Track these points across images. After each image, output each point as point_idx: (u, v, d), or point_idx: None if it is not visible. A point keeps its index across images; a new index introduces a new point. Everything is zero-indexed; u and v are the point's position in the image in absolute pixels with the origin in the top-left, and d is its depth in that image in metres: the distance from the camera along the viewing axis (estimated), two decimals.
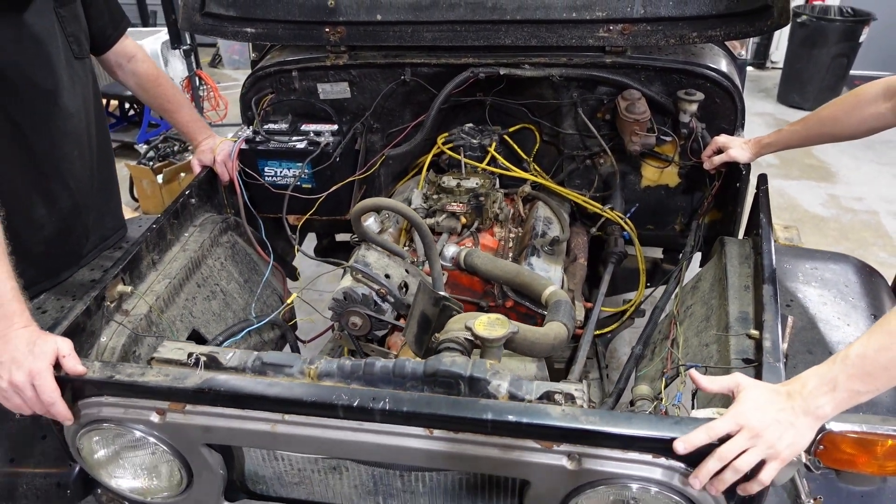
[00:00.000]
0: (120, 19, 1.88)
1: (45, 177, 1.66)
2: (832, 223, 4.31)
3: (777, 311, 1.30)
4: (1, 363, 1.18)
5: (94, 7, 1.76)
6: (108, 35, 1.85)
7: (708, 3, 1.85)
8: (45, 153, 1.64)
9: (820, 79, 5.89)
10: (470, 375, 1.14)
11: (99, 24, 1.80)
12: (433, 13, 2.00)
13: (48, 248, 1.72)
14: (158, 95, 1.99)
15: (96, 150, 1.81)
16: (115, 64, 1.92)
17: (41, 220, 1.69)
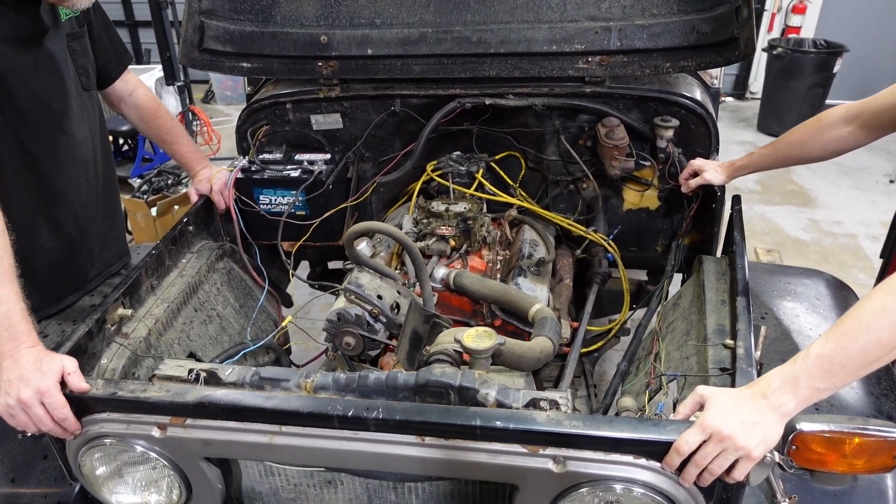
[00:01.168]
0: (123, 54, 1.98)
1: (52, 203, 1.72)
2: (813, 247, 4.42)
3: (750, 321, 1.37)
4: (9, 381, 1.22)
5: (99, 43, 1.86)
6: (112, 69, 1.95)
7: (679, 35, 1.96)
8: (53, 179, 1.71)
9: (797, 108, 6.09)
10: (459, 385, 1.20)
11: (103, 59, 1.89)
12: (421, 47, 2.10)
13: (53, 273, 1.78)
14: (158, 127, 2.07)
15: (101, 178, 1.88)
16: (117, 97, 2.01)
17: (47, 245, 1.74)
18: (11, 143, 1.59)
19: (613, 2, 2.01)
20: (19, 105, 1.59)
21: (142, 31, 8.19)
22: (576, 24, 2.03)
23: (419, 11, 2.10)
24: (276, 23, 2.16)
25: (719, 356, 1.41)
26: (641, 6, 1.99)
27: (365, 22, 2.13)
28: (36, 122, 1.63)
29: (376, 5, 2.12)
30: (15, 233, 1.38)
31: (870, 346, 1.04)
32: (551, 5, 2.04)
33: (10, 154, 1.59)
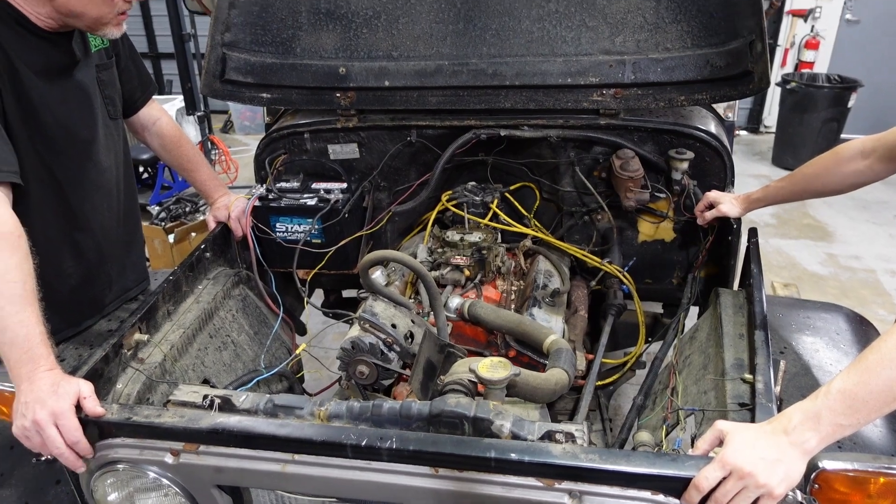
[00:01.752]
0: (148, 84, 2.03)
1: (75, 228, 1.75)
2: (831, 281, 4.37)
3: (769, 355, 1.36)
4: (25, 403, 1.23)
5: (125, 72, 1.91)
6: (137, 98, 2.00)
7: (694, 69, 1.98)
8: (77, 206, 1.74)
9: (812, 142, 6.08)
10: (474, 416, 1.19)
11: (129, 88, 1.94)
12: (438, 79, 2.14)
13: (72, 297, 1.80)
14: (179, 156, 2.11)
15: (123, 204, 1.92)
16: (141, 126, 2.06)
17: (68, 269, 1.77)
18: (39, 170, 1.63)
19: (628, 36, 2.04)
20: (48, 134, 1.63)
21: (164, 62, 8.41)
22: (590, 57, 2.06)
23: (436, 44, 2.14)
24: (296, 55, 2.21)
25: (738, 391, 1.39)
26: (655, 40, 2.02)
27: (383, 54, 2.17)
28: (64, 150, 1.67)
29: (394, 38, 2.16)
30: (38, 256, 1.41)
31: (893, 382, 1.03)
32: (566, 39, 2.07)
33: (37, 181, 1.62)
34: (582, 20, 2.05)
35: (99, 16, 1.56)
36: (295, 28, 2.18)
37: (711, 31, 1.96)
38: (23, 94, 1.56)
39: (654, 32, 2.02)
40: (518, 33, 2.09)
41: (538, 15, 2.07)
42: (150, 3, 8.19)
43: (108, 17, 1.58)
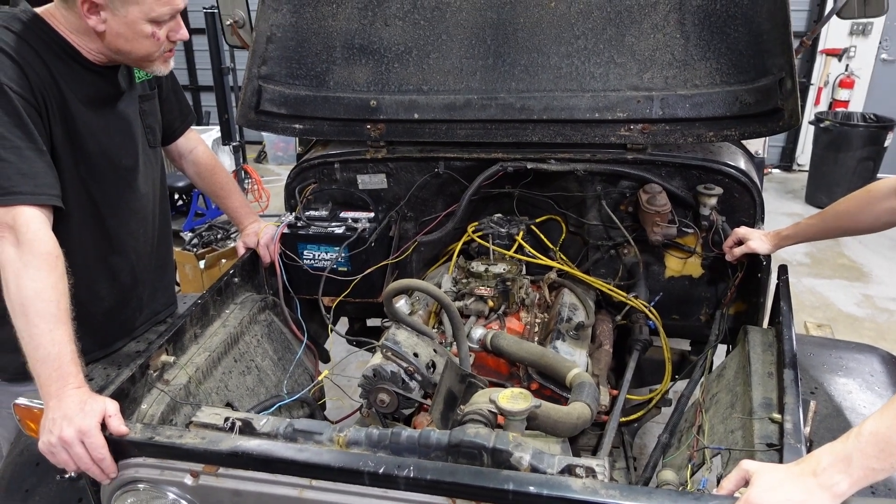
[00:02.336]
0: (187, 114, 2.11)
1: (111, 252, 1.80)
2: (868, 323, 4.24)
3: (798, 394, 1.32)
4: (53, 419, 1.26)
5: (167, 102, 1.98)
6: (176, 128, 2.07)
7: (723, 105, 1.98)
8: (115, 230, 1.80)
9: (847, 181, 5.98)
10: (493, 447, 1.18)
11: (169, 118, 2.01)
12: (466, 113, 2.17)
13: (105, 319, 1.84)
14: (213, 183, 2.18)
15: (158, 230, 1.97)
16: (178, 154, 2.13)
17: (102, 292, 1.82)
18: (81, 195, 1.69)
19: (656, 72, 2.05)
20: (92, 161, 1.69)
21: (204, 94, 8.69)
22: (618, 93, 2.07)
23: (465, 79, 2.18)
24: (329, 88, 2.27)
25: (766, 431, 1.35)
26: (684, 77, 2.03)
27: (413, 88, 2.22)
28: (105, 177, 1.73)
29: (424, 73, 2.21)
30: (73, 278, 1.45)
31: None
32: (594, 75, 2.09)
33: (78, 206, 1.68)
34: (610, 57, 2.08)
35: (146, 54, 1.62)
36: (329, 62, 2.25)
37: (741, 69, 1.96)
38: (70, 123, 1.63)
39: (683, 69, 2.03)
40: (547, 69, 2.12)
41: (567, 51, 2.10)
42: (193, 38, 8.52)
43: (155, 55, 1.65)
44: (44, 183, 1.50)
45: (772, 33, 1.88)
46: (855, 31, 6.75)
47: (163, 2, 1.54)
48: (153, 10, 1.54)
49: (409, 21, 2.18)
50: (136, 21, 1.53)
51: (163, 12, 1.56)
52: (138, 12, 1.52)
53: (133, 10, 1.52)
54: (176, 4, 1.59)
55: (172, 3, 1.57)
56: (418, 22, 2.18)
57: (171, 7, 1.57)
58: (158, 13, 1.55)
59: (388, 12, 2.19)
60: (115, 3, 1.49)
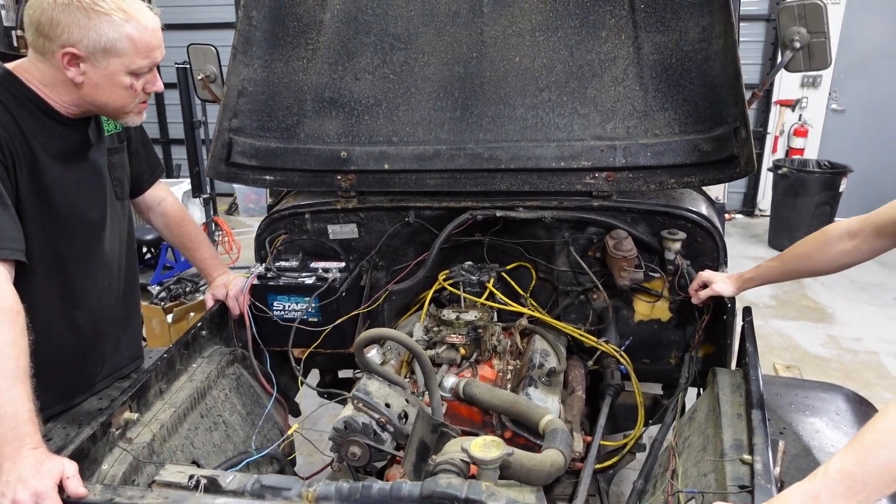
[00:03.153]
0: (156, 167, 2.10)
1: (74, 306, 1.77)
2: (834, 363, 4.32)
3: (766, 434, 1.33)
4: (7, 482, 1.21)
5: (135, 156, 1.98)
6: (144, 181, 2.06)
7: (682, 153, 2.06)
8: (80, 284, 1.76)
9: (807, 225, 6.17)
10: (465, 497, 1.16)
11: (137, 171, 2.01)
12: (435, 163, 2.21)
13: (65, 373, 1.79)
14: (182, 235, 2.16)
15: (123, 283, 1.94)
16: (146, 206, 2.12)
17: (64, 346, 1.77)
18: (47, 249, 1.66)
19: (618, 123, 2.13)
20: (59, 215, 1.67)
21: (175, 147, 8.69)
22: (582, 142, 2.14)
23: (434, 130, 2.23)
24: (300, 140, 2.30)
25: (737, 472, 1.36)
26: (645, 127, 2.10)
27: (383, 139, 2.26)
28: (72, 231, 1.71)
29: (394, 125, 2.26)
30: (35, 333, 1.41)
31: (892, 463, 1.01)
32: (559, 126, 2.16)
33: (43, 260, 1.65)
34: (574, 108, 2.15)
35: (122, 105, 1.63)
36: (300, 115, 2.29)
37: (698, 119, 2.05)
38: (38, 178, 1.61)
39: (643, 119, 2.11)
40: (513, 120, 2.18)
41: (532, 103, 2.17)
42: (165, 93, 8.55)
43: (130, 107, 1.66)
44: (7, 237, 1.47)
45: (725, 85, 1.97)
46: (806, 83, 7.10)
47: (143, 54, 1.56)
48: (133, 63, 1.55)
49: (379, 75, 2.24)
50: (116, 73, 1.55)
51: (143, 65, 1.58)
52: (119, 64, 1.54)
53: (114, 63, 1.53)
54: (155, 58, 1.60)
55: (152, 57, 1.59)
56: (387, 76, 2.24)
57: (150, 60, 1.59)
58: (138, 65, 1.57)
59: (357, 66, 2.25)
60: (97, 55, 1.51)
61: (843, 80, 7.05)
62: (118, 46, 1.51)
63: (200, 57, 2.58)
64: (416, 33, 2.20)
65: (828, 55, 2.01)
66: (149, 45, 1.56)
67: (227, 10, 8.17)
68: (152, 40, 1.57)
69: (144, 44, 1.55)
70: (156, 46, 1.59)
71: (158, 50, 1.60)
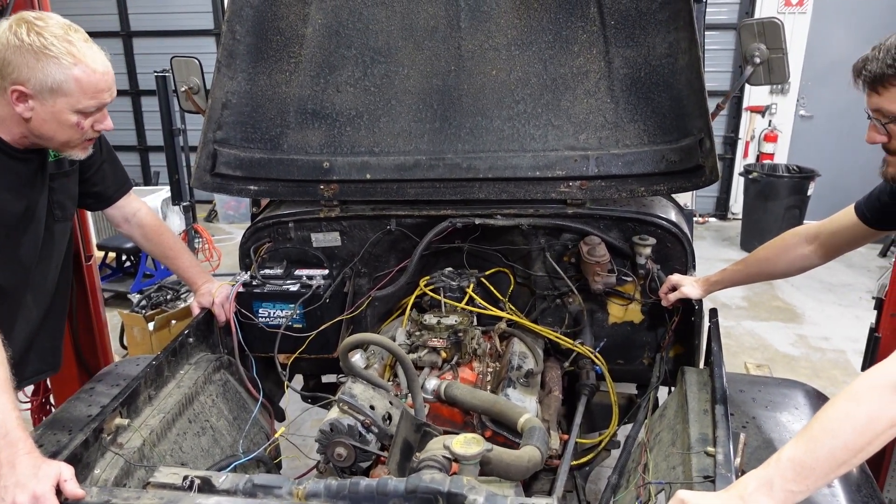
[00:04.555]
0: (122, 183, 2.13)
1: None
2: (803, 362, 4.47)
3: (728, 428, 1.43)
4: (6, 487, 1.25)
5: (99, 174, 2.03)
6: (110, 196, 2.10)
7: (651, 163, 2.15)
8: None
9: (777, 228, 6.34)
10: (448, 491, 1.23)
11: (102, 187, 2.06)
12: (416, 173, 2.29)
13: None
14: (161, 244, 2.20)
15: (50, 298, 1.99)
16: (121, 218, 2.16)
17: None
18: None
19: (590, 134, 2.22)
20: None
21: (152, 154, 8.66)
22: (557, 152, 2.23)
23: (414, 141, 2.30)
24: (283, 150, 2.36)
25: (702, 464, 1.45)
26: (615, 137, 2.20)
27: (365, 150, 2.33)
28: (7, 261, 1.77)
29: (375, 136, 2.32)
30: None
31: (836, 450, 1.10)
32: (534, 136, 2.25)
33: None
34: (548, 120, 2.24)
35: (67, 140, 1.69)
36: (283, 126, 2.34)
37: (665, 130, 2.15)
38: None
39: (615, 130, 2.20)
40: (490, 131, 2.27)
41: (508, 115, 2.25)
42: (142, 99, 8.54)
43: (76, 142, 1.72)
44: None
45: (690, 99, 2.07)
46: (775, 91, 7.29)
47: (89, 95, 1.62)
48: (80, 103, 1.62)
49: (360, 87, 2.31)
50: (62, 111, 1.61)
51: (88, 105, 1.63)
52: (65, 104, 1.60)
53: (60, 101, 1.60)
54: (103, 99, 1.66)
55: (99, 98, 1.65)
56: (368, 88, 2.31)
57: (97, 101, 1.65)
58: (84, 105, 1.63)
59: (339, 79, 2.31)
60: (44, 93, 1.58)
61: (810, 88, 7.27)
62: (64, 87, 1.58)
63: (183, 69, 2.62)
64: (395, 47, 2.27)
65: (786, 70, 2.13)
66: (96, 87, 1.62)
67: (204, 17, 8.18)
68: (100, 83, 1.63)
69: (91, 86, 1.61)
70: (103, 89, 1.65)
71: (107, 92, 1.66)
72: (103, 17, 8.31)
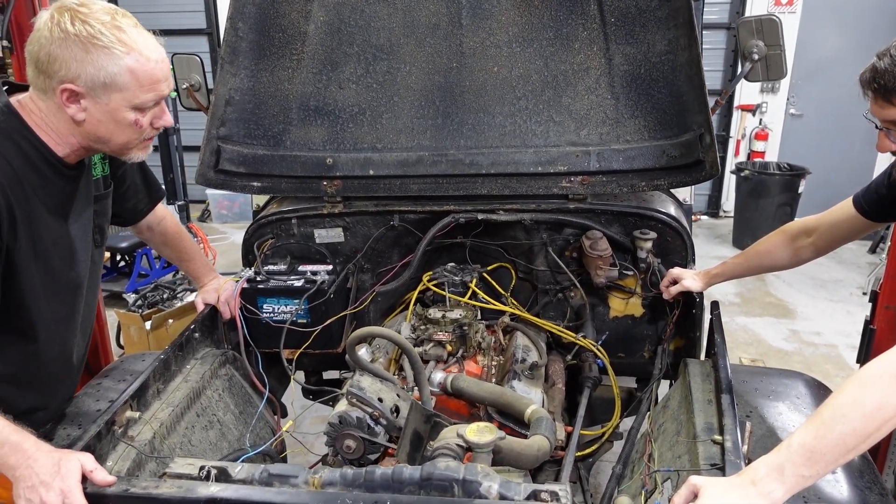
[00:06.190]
0: (155, 193, 2.03)
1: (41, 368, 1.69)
2: (796, 356, 4.52)
3: (735, 416, 1.45)
4: (31, 487, 1.25)
5: (132, 188, 1.92)
6: (142, 209, 2.01)
7: (652, 158, 2.19)
8: (48, 338, 1.65)
9: (768, 225, 6.39)
10: (463, 478, 1.25)
11: (134, 202, 1.96)
12: (419, 168, 2.31)
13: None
14: (178, 249, 2.18)
15: (83, 325, 1.83)
16: (146, 227, 2.08)
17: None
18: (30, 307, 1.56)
19: (591, 129, 2.25)
20: (52, 273, 1.58)
21: None
22: (558, 148, 2.25)
23: (417, 137, 2.32)
24: (286, 147, 2.37)
25: (709, 452, 1.47)
26: (616, 133, 2.23)
27: (368, 146, 2.34)
28: (57, 290, 1.63)
29: (378, 132, 2.34)
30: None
31: (846, 436, 1.13)
32: (536, 132, 2.27)
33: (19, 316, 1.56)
34: (550, 116, 2.27)
35: (126, 141, 1.54)
36: (286, 123, 2.36)
37: (665, 126, 2.18)
38: (38, 237, 1.52)
39: (615, 126, 2.23)
40: (492, 127, 2.29)
41: (510, 111, 2.28)
42: None
43: (135, 143, 1.56)
44: None
45: (690, 94, 2.10)
46: (765, 89, 7.37)
47: (147, 88, 1.45)
48: (136, 97, 1.45)
49: (363, 84, 2.33)
50: (119, 108, 1.45)
51: (147, 99, 1.47)
52: (121, 99, 1.44)
53: (115, 98, 1.43)
54: (161, 91, 1.49)
55: (157, 90, 1.48)
56: (371, 85, 2.33)
57: (155, 94, 1.48)
58: (142, 100, 1.46)
59: (341, 76, 2.33)
60: (97, 90, 1.41)
61: (800, 86, 7.35)
62: (119, 80, 1.41)
63: (185, 66, 2.63)
64: (397, 44, 2.29)
65: (783, 66, 2.16)
66: (152, 77, 1.45)
67: (196, 16, 8.15)
68: (156, 72, 1.46)
69: (147, 76, 1.44)
70: (160, 79, 1.48)
71: (164, 83, 1.50)
72: None
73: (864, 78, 1.42)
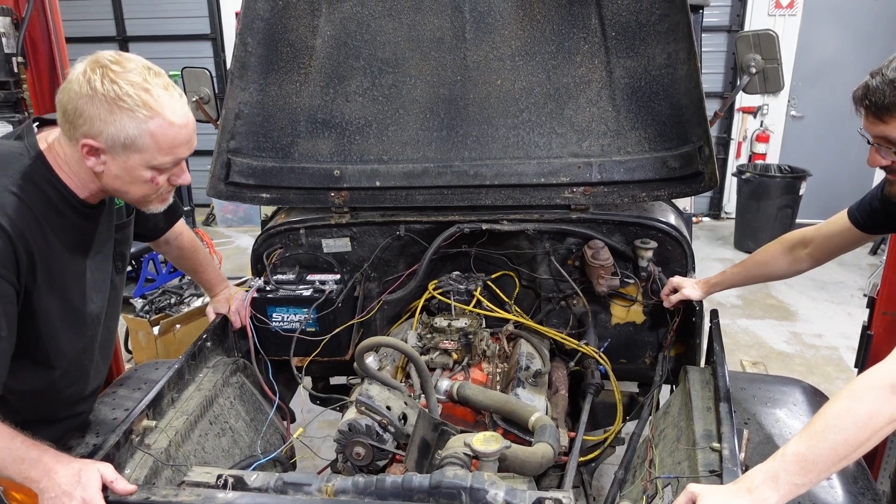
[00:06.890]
0: (175, 211, 2.06)
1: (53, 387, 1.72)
2: (797, 359, 4.56)
3: (733, 424, 1.50)
4: (54, 497, 1.29)
5: None
6: (162, 227, 2.07)
7: (652, 169, 2.23)
8: (66, 368, 1.70)
9: (770, 227, 6.47)
10: (470, 486, 1.30)
11: (154, 222, 2.00)
12: (424, 180, 2.36)
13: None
14: (193, 261, 2.24)
15: (101, 351, 1.87)
16: (164, 241, 2.13)
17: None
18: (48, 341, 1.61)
19: (593, 141, 2.30)
20: (69, 308, 1.64)
21: None
22: (560, 159, 2.30)
23: (422, 149, 2.37)
24: (295, 159, 2.42)
25: (708, 459, 1.52)
26: (618, 145, 2.28)
27: (374, 158, 2.39)
28: (76, 324, 1.68)
29: (384, 144, 2.39)
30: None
31: (838, 445, 1.18)
32: (539, 144, 2.33)
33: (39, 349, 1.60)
34: (552, 128, 2.32)
35: (142, 195, 1.56)
36: (294, 135, 2.41)
37: (665, 138, 2.23)
38: (55, 274, 1.55)
39: (616, 138, 2.28)
40: (496, 139, 2.34)
41: (513, 123, 2.33)
42: None
43: (152, 197, 1.58)
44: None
45: (689, 107, 2.15)
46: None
47: (166, 151, 1.46)
48: (154, 159, 1.47)
49: (369, 97, 2.38)
50: (136, 167, 1.47)
51: (164, 161, 1.48)
52: (139, 160, 1.46)
53: (134, 158, 1.45)
54: (179, 155, 1.50)
55: (176, 154, 1.49)
56: (377, 98, 2.38)
57: (174, 157, 1.49)
58: (160, 162, 1.48)
59: (348, 89, 2.38)
60: (116, 148, 1.43)
61: (801, 88, 7.39)
62: (138, 143, 1.43)
63: (194, 79, 2.69)
64: (403, 58, 2.34)
65: (780, 79, 2.21)
66: (172, 142, 1.46)
67: (200, 22, 8.22)
68: (177, 137, 1.47)
69: (168, 141, 1.45)
70: (181, 143, 1.48)
71: (185, 146, 1.50)
72: (100, 23, 8.35)
73: (857, 95, 1.46)
